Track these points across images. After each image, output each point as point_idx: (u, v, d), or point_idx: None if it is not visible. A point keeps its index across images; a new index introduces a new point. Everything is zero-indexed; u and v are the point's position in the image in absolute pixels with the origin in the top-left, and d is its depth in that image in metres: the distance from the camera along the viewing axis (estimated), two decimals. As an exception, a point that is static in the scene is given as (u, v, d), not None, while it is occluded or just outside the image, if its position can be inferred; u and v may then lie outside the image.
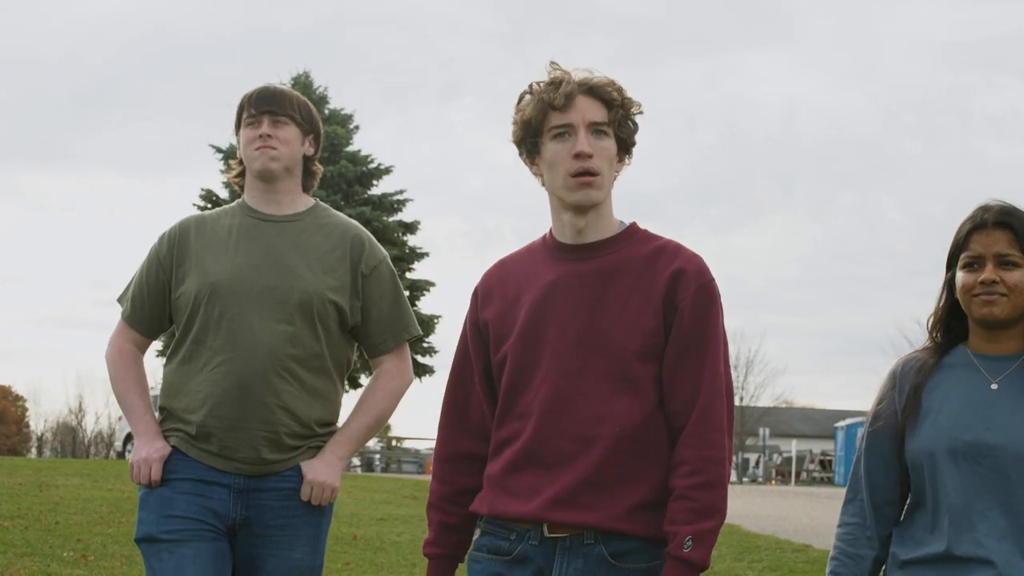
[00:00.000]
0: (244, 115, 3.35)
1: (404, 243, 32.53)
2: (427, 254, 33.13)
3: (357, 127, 33.25)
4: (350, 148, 32.57)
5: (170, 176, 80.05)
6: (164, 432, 3.30)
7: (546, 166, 2.56)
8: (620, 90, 2.58)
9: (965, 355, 2.69)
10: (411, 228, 32.94)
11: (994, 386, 2.62)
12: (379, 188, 33.04)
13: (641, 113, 2.61)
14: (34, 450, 60.71)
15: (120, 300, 3.48)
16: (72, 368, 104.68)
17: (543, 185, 2.62)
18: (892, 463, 2.69)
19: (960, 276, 2.65)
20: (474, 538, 2.66)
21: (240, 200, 3.45)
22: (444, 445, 2.70)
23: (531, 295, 2.58)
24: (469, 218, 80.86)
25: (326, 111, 32.48)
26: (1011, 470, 2.54)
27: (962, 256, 2.65)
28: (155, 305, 3.39)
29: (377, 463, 37.58)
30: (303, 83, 32.56)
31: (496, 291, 2.67)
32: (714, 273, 2.55)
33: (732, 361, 2.67)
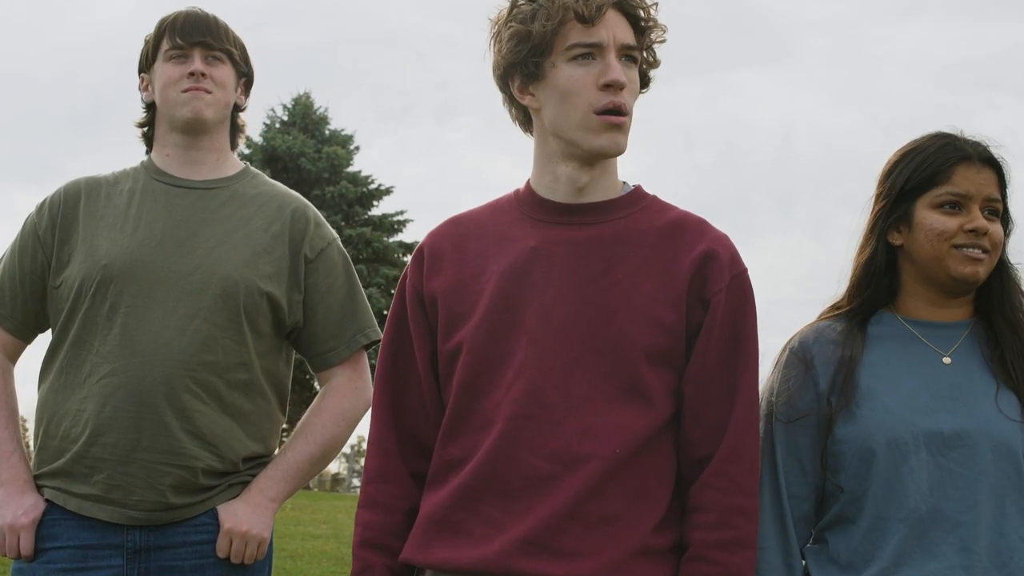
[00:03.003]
0: (166, 46, 2.54)
1: (404, 264, 32.57)
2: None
3: (357, 148, 33.33)
4: (350, 169, 32.66)
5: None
6: (38, 477, 2.48)
7: (555, 97, 1.96)
8: (650, 8, 1.98)
9: (895, 323, 2.16)
10: (411, 249, 32.96)
11: (947, 360, 2.11)
12: (379, 209, 33.15)
13: (664, 41, 2.02)
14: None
15: None
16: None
17: (523, 126, 2.06)
18: (812, 466, 2.11)
19: (933, 217, 2.10)
20: None
21: (145, 159, 2.63)
22: (385, 457, 2.04)
23: (502, 264, 1.98)
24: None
25: (327, 131, 32.66)
26: (987, 463, 2.01)
27: (937, 191, 2.10)
28: (31, 296, 2.55)
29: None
30: (304, 103, 32.75)
31: (450, 255, 2.02)
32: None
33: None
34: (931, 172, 2.10)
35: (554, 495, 1.86)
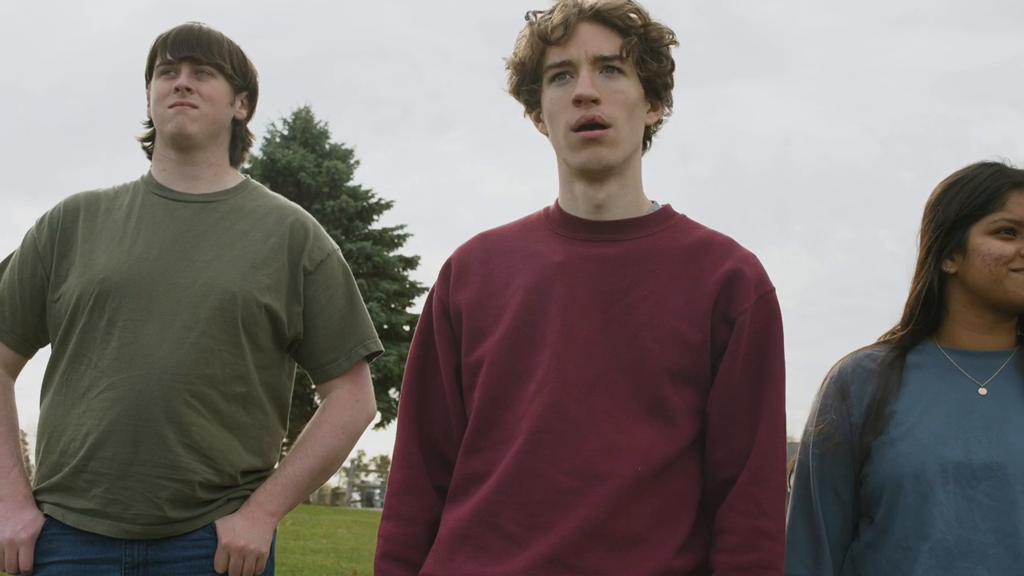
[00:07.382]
0: (157, 61, 2.56)
1: (404, 278, 32.56)
2: (427, 289, 33.12)
3: (358, 162, 33.37)
4: (351, 183, 32.69)
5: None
6: (37, 493, 2.47)
7: (548, 120, 2.00)
8: (639, 11, 1.93)
9: (936, 353, 2.19)
10: (411, 263, 32.97)
11: (983, 391, 2.13)
12: (379, 223, 33.16)
13: (675, 44, 1.98)
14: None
15: None
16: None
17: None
18: (847, 496, 2.17)
19: (990, 243, 2.13)
20: None
21: (145, 173, 2.64)
22: (410, 469, 2.03)
23: (527, 279, 1.97)
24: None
25: (327, 146, 32.70)
26: (1017, 494, 2.02)
27: (992, 217, 2.13)
28: (31, 311, 2.55)
29: (378, 498, 37.46)
30: (304, 118, 32.80)
31: (477, 269, 2.01)
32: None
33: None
34: (984, 199, 2.14)
35: (576, 511, 1.84)
